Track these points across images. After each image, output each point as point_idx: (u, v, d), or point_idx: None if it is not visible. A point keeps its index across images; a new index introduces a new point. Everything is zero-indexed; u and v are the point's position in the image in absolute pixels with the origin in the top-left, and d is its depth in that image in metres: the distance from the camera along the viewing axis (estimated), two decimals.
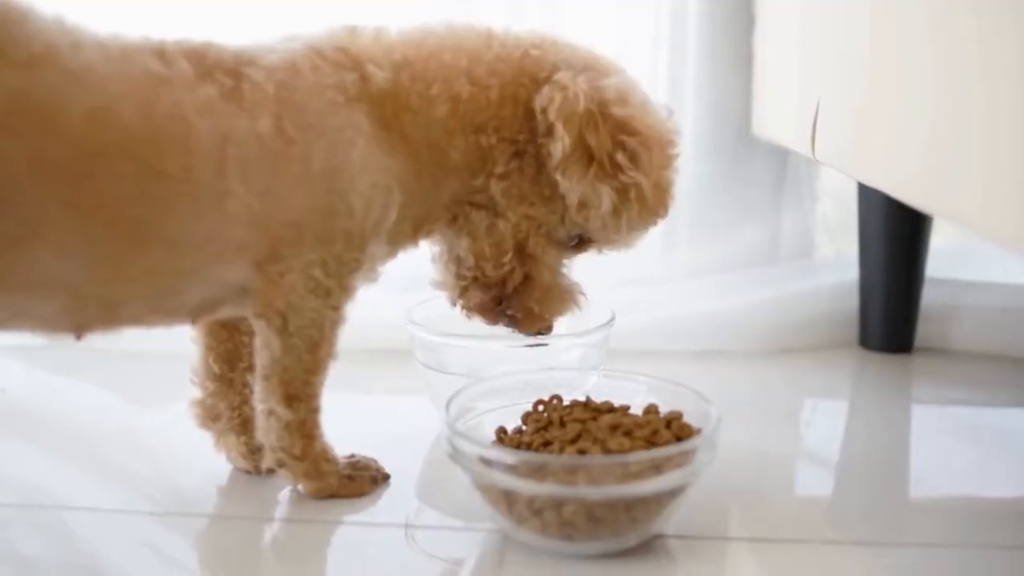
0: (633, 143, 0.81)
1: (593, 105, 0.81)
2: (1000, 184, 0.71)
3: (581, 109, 0.81)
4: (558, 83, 0.82)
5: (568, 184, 0.82)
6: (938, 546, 0.81)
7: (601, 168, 0.82)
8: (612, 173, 0.82)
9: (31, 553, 0.79)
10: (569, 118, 0.81)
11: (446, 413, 0.80)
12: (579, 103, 0.81)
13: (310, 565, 0.78)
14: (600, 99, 0.81)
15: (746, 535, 0.83)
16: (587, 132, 0.81)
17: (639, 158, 0.82)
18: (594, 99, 0.81)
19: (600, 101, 0.81)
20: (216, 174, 0.74)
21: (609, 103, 0.81)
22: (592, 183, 0.82)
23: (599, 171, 0.82)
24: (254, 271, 0.79)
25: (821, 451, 1.02)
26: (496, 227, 0.87)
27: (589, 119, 0.81)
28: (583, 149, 0.81)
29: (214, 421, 0.90)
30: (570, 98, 0.81)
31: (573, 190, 0.83)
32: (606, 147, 0.81)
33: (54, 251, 0.70)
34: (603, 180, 0.82)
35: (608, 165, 0.82)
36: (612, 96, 0.82)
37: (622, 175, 0.82)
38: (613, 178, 0.82)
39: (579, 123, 0.81)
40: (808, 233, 1.39)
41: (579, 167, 0.82)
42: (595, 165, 0.82)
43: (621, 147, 0.81)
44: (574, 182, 0.82)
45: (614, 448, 0.77)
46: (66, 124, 0.69)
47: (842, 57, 1.01)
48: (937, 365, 1.25)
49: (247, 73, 0.77)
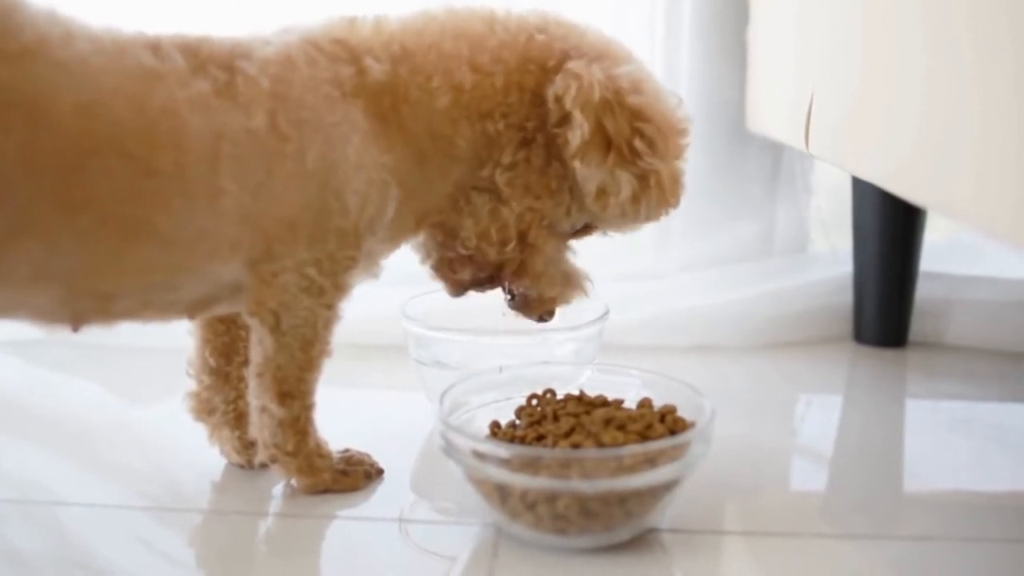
0: (650, 130, 0.81)
1: (609, 93, 0.80)
2: (994, 177, 0.71)
3: (597, 97, 0.80)
4: (572, 72, 0.81)
5: (587, 171, 0.82)
6: (932, 539, 0.81)
7: (620, 155, 0.81)
8: (631, 159, 0.81)
9: (26, 549, 0.79)
10: (586, 106, 0.80)
11: (439, 407, 0.80)
12: (595, 92, 0.80)
13: (304, 560, 0.78)
14: (615, 87, 0.81)
15: (740, 529, 0.83)
16: (605, 119, 0.80)
17: (656, 145, 0.81)
18: (609, 88, 0.80)
19: (615, 90, 0.81)
20: (209, 171, 0.73)
21: (624, 92, 0.81)
22: (611, 170, 0.81)
23: (618, 158, 0.81)
24: (247, 270, 0.78)
25: (815, 445, 1.02)
26: (500, 212, 0.86)
27: (606, 106, 0.80)
28: (601, 136, 0.81)
29: (209, 414, 0.90)
30: (585, 87, 0.80)
31: (592, 177, 0.82)
32: (624, 134, 0.81)
33: (45, 246, 0.70)
34: (623, 167, 0.81)
35: (627, 152, 0.81)
36: (627, 85, 0.81)
37: (640, 161, 0.81)
38: (632, 164, 0.81)
39: (596, 110, 0.80)
40: (802, 227, 1.39)
41: (598, 154, 0.81)
42: (614, 152, 0.81)
43: (639, 134, 0.81)
44: (593, 169, 0.81)
45: (608, 442, 0.77)
46: (57, 118, 0.68)
47: (836, 51, 1.01)
48: (931, 359, 1.25)
49: (241, 67, 0.76)
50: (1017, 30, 0.68)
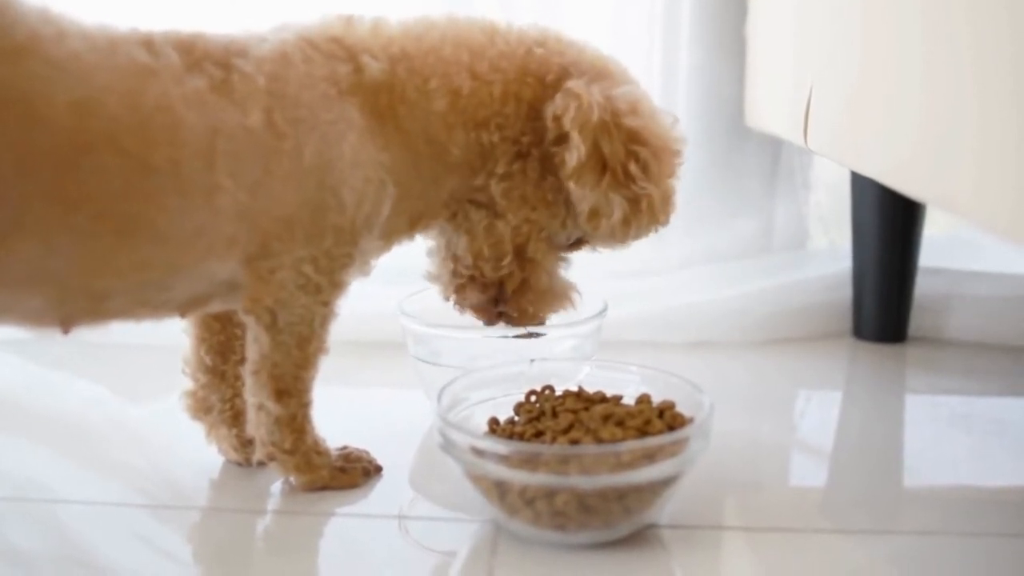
0: (645, 153, 0.82)
1: (607, 115, 0.81)
2: (994, 172, 0.70)
3: (596, 119, 0.81)
4: (572, 91, 0.82)
5: (581, 193, 0.83)
6: (932, 534, 0.81)
7: (615, 178, 0.82)
8: (625, 183, 0.82)
9: (24, 546, 0.78)
10: (584, 127, 0.81)
11: (438, 404, 0.80)
12: (594, 113, 0.81)
13: (303, 557, 0.78)
14: (613, 109, 0.81)
15: (740, 524, 0.83)
16: (601, 141, 0.81)
17: (650, 168, 0.82)
18: (608, 109, 0.81)
19: (613, 111, 0.81)
20: (205, 168, 0.73)
21: (622, 113, 0.82)
22: (605, 192, 0.82)
23: (612, 181, 0.82)
24: (243, 267, 0.78)
25: (815, 441, 1.02)
26: (495, 227, 0.87)
27: (603, 129, 0.81)
28: (597, 158, 0.82)
29: (205, 413, 0.90)
30: (584, 108, 0.81)
31: (586, 199, 0.83)
32: (620, 157, 0.82)
33: (40, 245, 0.70)
34: (616, 190, 0.82)
35: (621, 175, 0.82)
36: (624, 106, 0.82)
37: (634, 185, 0.82)
38: (626, 188, 0.82)
39: (594, 132, 0.81)
40: (801, 223, 1.39)
41: (593, 176, 0.82)
42: (608, 175, 0.82)
43: (634, 158, 0.82)
44: (588, 191, 0.82)
45: (606, 438, 0.76)
46: (51, 115, 0.67)
47: (835, 45, 1.01)
48: (931, 354, 1.25)
49: (237, 64, 0.76)
50: (1017, 23, 0.68)
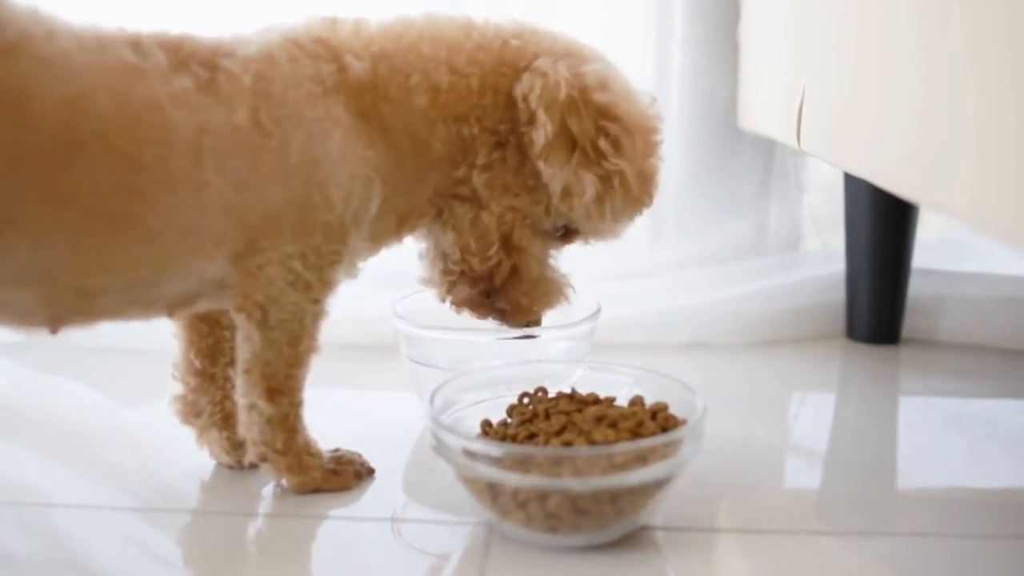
0: (615, 129, 0.81)
1: (574, 91, 0.81)
2: (990, 174, 0.70)
3: (562, 96, 0.80)
4: (538, 70, 0.82)
5: (551, 171, 0.82)
6: (926, 535, 0.81)
7: (584, 155, 0.81)
8: (595, 160, 0.81)
9: (15, 549, 0.78)
10: (551, 104, 0.81)
11: (430, 406, 0.80)
12: (560, 90, 0.80)
13: (295, 560, 0.77)
14: (581, 85, 0.81)
15: (733, 526, 0.83)
16: (569, 118, 0.81)
17: (622, 145, 0.81)
18: (575, 85, 0.81)
19: (581, 87, 0.81)
20: (192, 165, 0.74)
21: (590, 89, 0.81)
22: (575, 170, 0.82)
23: (582, 158, 0.81)
24: (232, 264, 0.78)
25: (809, 442, 1.02)
26: (480, 220, 0.86)
27: (571, 105, 0.81)
28: (566, 136, 0.81)
29: (196, 417, 0.90)
30: (551, 85, 0.81)
31: (556, 177, 0.82)
32: (589, 134, 0.81)
33: (31, 242, 0.70)
34: (586, 167, 0.82)
35: (591, 152, 0.81)
36: (593, 82, 0.81)
37: (605, 162, 0.81)
38: (596, 165, 0.82)
39: (561, 109, 0.81)
40: (795, 225, 1.39)
41: (562, 154, 0.82)
42: (578, 152, 0.81)
43: (604, 133, 0.81)
44: (557, 169, 0.82)
45: (599, 439, 0.76)
46: (41, 113, 0.68)
47: (828, 46, 1.01)
48: (924, 356, 1.25)
49: (223, 64, 0.76)
50: (1013, 23, 0.68)
